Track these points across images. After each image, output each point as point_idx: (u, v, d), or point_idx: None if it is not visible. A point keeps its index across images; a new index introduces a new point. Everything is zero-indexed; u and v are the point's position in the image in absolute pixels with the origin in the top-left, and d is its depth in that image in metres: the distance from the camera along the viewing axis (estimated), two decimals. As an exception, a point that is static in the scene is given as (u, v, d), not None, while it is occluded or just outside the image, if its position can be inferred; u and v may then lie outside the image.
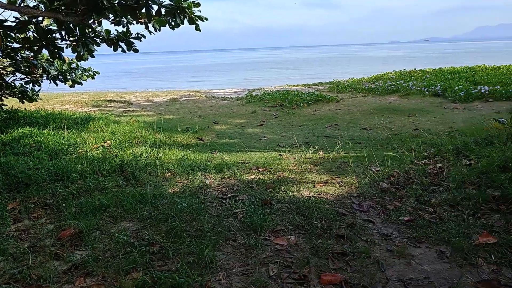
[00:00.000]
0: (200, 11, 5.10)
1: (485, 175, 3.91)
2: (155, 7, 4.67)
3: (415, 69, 19.70)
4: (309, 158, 5.67)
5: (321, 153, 5.97)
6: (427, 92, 13.01)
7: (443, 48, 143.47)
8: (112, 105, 13.97)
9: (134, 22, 5.43)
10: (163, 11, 4.75)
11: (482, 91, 12.05)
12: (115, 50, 5.86)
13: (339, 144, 6.48)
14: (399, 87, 13.99)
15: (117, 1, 4.59)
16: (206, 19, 5.20)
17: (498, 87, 12.67)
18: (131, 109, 13.05)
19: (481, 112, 10.37)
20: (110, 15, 5.12)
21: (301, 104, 12.26)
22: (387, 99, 12.84)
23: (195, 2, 5.01)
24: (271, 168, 5.04)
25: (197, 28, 5.15)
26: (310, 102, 12.48)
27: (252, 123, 10.60)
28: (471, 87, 12.77)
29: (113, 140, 6.70)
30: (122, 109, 12.93)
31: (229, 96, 15.35)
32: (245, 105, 12.97)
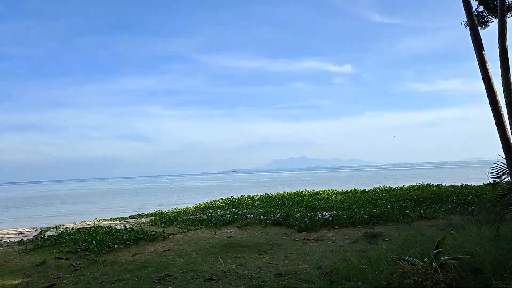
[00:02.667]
0: None
1: None
2: None
3: (242, 196, 18.49)
4: None
5: None
6: (267, 221, 11.28)
7: (251, 177, 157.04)
8: None
9: None
10: None
11: (325, 217, 10.92)
12: None
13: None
14: (235, 216, 12.00)
15: None
16: None
17: (334, 212, 11.85)
18: None
19: (337, 243, 8.86)
20: None
21: (116, 246, 8.89)
22: (225, 232, 10.54)
23: None
24: None
25: None
26: (128, 242, 9.22)
27: (36, 284, 6.73)
28: (311, 213, 11.63)
29: None
30: None
31: (8, 240, 10.79)
32: (30, 253, 8.85)
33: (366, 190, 18.32)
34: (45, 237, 10.40)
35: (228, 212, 12.90)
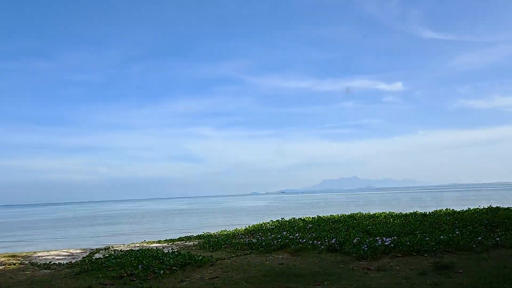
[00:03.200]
0: None
1: None
2: None
3: (293, 218, 17.69)
4: None
5: None
6: (322, 247, 10.45)
7: (300, 198, 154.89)
8: None
9: None
10: None
11: (386, 243, 9.93)
12: None
13: None
14: (286, 240, 11.26)
15: None
16: None
17: (395, 237, 10.81)
18: None
19: (402, 274, 7.89)
20: None
21: (161, 272, 8.44)
22: (276, 258, 9.83)
23: None
24: None
25: None
26: (174, 268, 8.76)
27: (78, 312, 6.36)
28: (370, 239, 10.67)
29: None
30: None
31: (58, 262, 10.69)
32: (76, 277, 8.60)
33: (427, 213, 16.93)
34: (93, 260, 10.19)
35: (279, 236, 12.17)
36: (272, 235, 12.47)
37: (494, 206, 17.93)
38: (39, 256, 11.95)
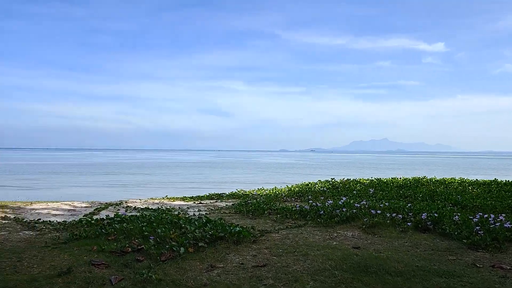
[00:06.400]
0: None
1: None
2: None
3: (345, 178, 14.67)
4: None
5: None
6: (408, 224, 7.44)
7: (331, 157, 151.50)
8: None
9: None
10: None
11: (506, 225, 6.81)
12: None
13: None
14: (354, 210, 8.26)
15: None
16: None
17: (503, 216, 7.66)
18: None
19: None
20: None
21: (182, 250, 5.66)
22: (344, 237, 6.89)
23: None
24: None
25: None
26: (201, 244, 5.98)
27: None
28: (469, 216, 7.60)
29: None
30: None
31: (49, 220, 8.15)
32: (60, 248, 5.96)
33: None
34: (92, 221, 7.56)
35: (340, 202, 9.17)
36: (330, 202, 9.49)
37: None
38: (33, 209, 9.48)
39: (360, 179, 14.39)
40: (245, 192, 13.26)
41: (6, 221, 7.92)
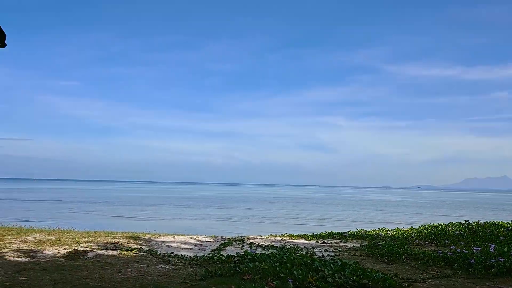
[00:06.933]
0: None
1: None
2: None
3: (480, 221, 13.04)
4: None
5: None
6: None
7: (441, 195, 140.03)
8: None
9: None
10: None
11: None
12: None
13: None
14: (513, 261, 7.03)
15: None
16: None
17: None
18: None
19: None
20: None
21: (325, 296, 5.20)
22: (512, 294, 5.82)
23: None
24: None
25: None
26: (343, 290, 5.45)
27: None
28: None
29: None
30: None
31: (180, 254, 8.28)
32: (201, 285, 5.88)
33: None
34: (223, 258, 7.48)
35: (492, 250, 7.95)
36: (477, 248, 8.30)
37: None
38: (163, 242, 9.81)
39: (501, 222, 12.63)
40: (367, 231, 12.40)
41: (142, 253, 8.21)
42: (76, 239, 9.66)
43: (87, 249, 8.50)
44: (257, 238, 10.92)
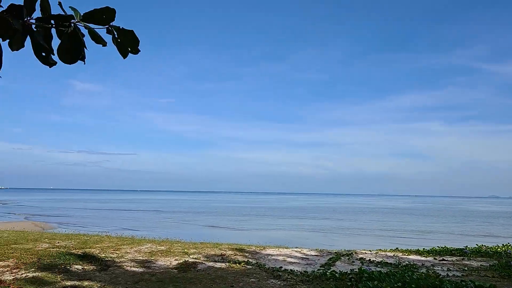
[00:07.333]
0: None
1: None
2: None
3: None
4: None
5: None
6: None
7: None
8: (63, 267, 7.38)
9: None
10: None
11: None
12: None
13: None
14: None
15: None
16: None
17: None
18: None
19: None
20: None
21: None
22: None
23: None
24: None
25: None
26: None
27: None
28: None
29: None
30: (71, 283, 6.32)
31: (289, 268, 7.98)
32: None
33: None
34: (336, 275, 7.01)
35: None
36: None
37: None
38: (268, 255, 9.59)
39: None
40: (492, 248, 11.03)
41: (251, 267, 8.06)
42: (185, 250, 9.86)
43: (197, 260, 8.58)
44: (366, 253, 10.23)
